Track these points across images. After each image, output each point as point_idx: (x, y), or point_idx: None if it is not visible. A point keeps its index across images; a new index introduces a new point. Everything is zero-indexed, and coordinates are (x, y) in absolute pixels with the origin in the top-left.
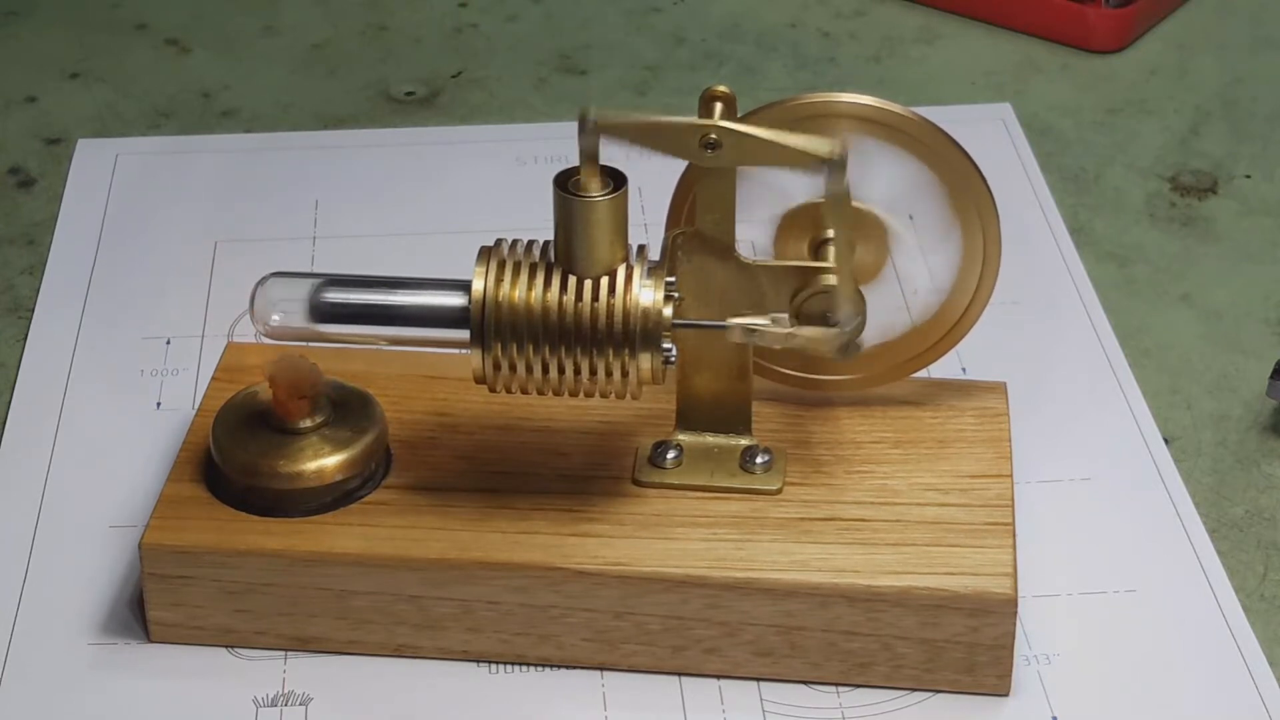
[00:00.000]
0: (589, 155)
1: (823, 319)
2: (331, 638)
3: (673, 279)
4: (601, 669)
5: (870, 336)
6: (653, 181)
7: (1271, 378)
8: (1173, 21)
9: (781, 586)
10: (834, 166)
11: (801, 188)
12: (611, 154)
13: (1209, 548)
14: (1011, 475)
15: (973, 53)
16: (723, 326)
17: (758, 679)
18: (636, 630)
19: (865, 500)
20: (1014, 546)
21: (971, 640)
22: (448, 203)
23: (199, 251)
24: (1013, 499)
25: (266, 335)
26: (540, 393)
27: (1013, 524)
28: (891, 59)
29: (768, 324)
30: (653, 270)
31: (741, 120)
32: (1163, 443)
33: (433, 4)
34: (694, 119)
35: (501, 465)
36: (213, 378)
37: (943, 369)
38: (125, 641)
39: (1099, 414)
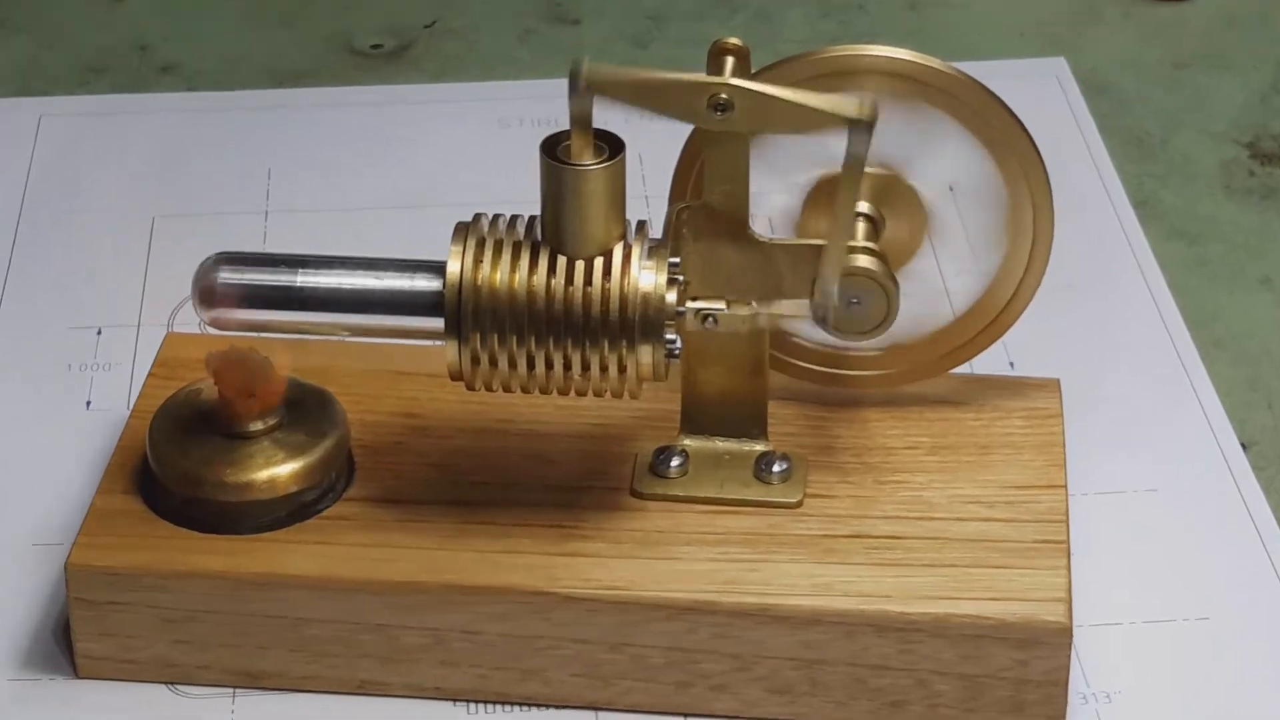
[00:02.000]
0: (581, 119)
1: (848, 305)
2: (285, 672)
3: (677, 260)
4: (595, 709)
5: (904, 326)
6: (654, 148)
7: None
8: None
9: (801, 613)
10: (860, 129)
11: (829, 158)
12: (608, 116)
13: None
14: (1065, 486)
15: None
16: (738, 314)
17: None
18: (635, 664)
19: (897, 514)
20: (1068, 568)
21: (1019, 676)
22: (420, 172)
23: (134, 228)
24: (1067, 513)
25: (211, 324)
26: (525, 391)
27: (1067, 542)
28: (929, 7)
29: (722, 308)
30: (654, 250)
31: (756, 77)
32: (1239, 448)
33: None
34: (701, 76)
35: (480, 474)
36: (150, 373)
37: (987, 363)
38: (49, 677)
39: (1166, 415)
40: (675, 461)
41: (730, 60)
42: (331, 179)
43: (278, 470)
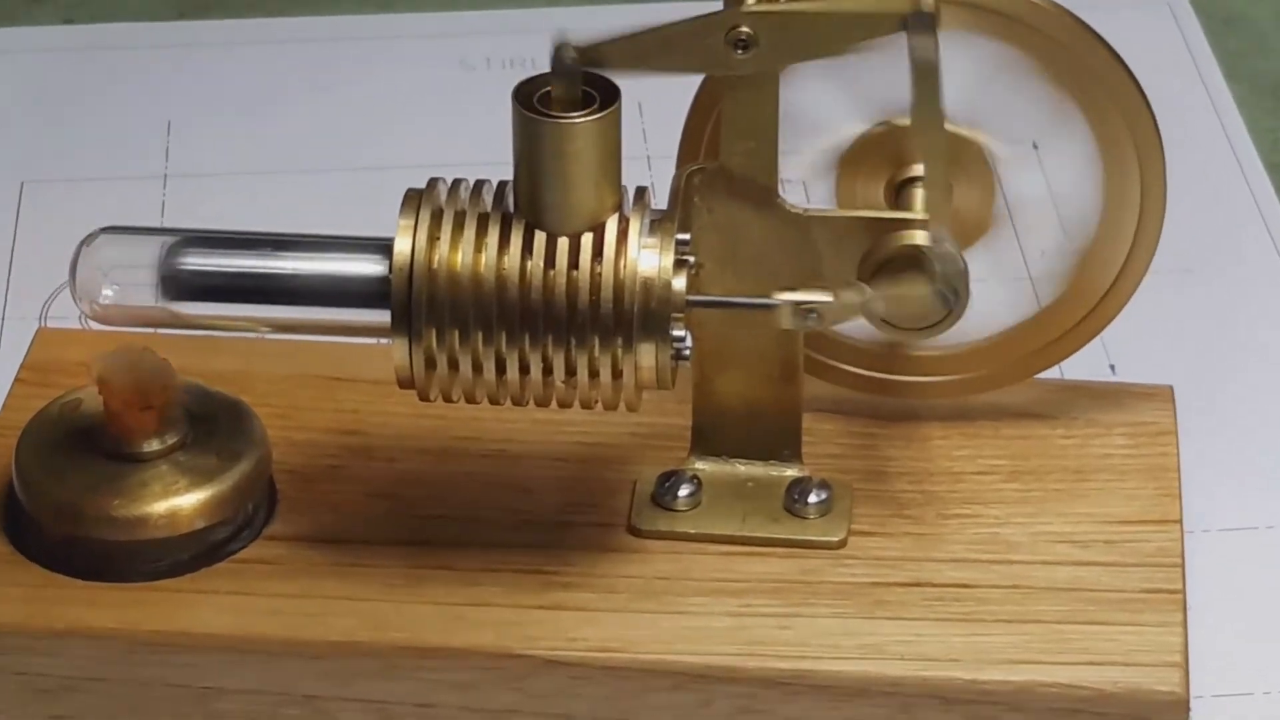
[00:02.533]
0: (566, 77)
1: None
2: None
3: (687, 237)
4: None
5: (975, 320)
6: (658, 95)
7: None
8: None
9: (846, 681)
10: (920, 22)
11: (874, 108)
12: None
13: None
14: (1181, 521)
15: None
16: (765, 305)
17: None
18: None
19: (968, 557)
20: (1184, 624)
21: None
22: (361, 126)
23: None
24: (1182, 555)
25: (95, 318)
26: (494, 402)
27: (1183, 591)
28: None
29: (829, 300)
30: (658, 224)
31: None
32: None
33: None
34: (714, 9)
35: (437, 507)
36: (17, 379)
37: (1081, 366)
38: None
39: None
40: (685, 490)
41: None
42: (247, 135)
43: (180, 501)
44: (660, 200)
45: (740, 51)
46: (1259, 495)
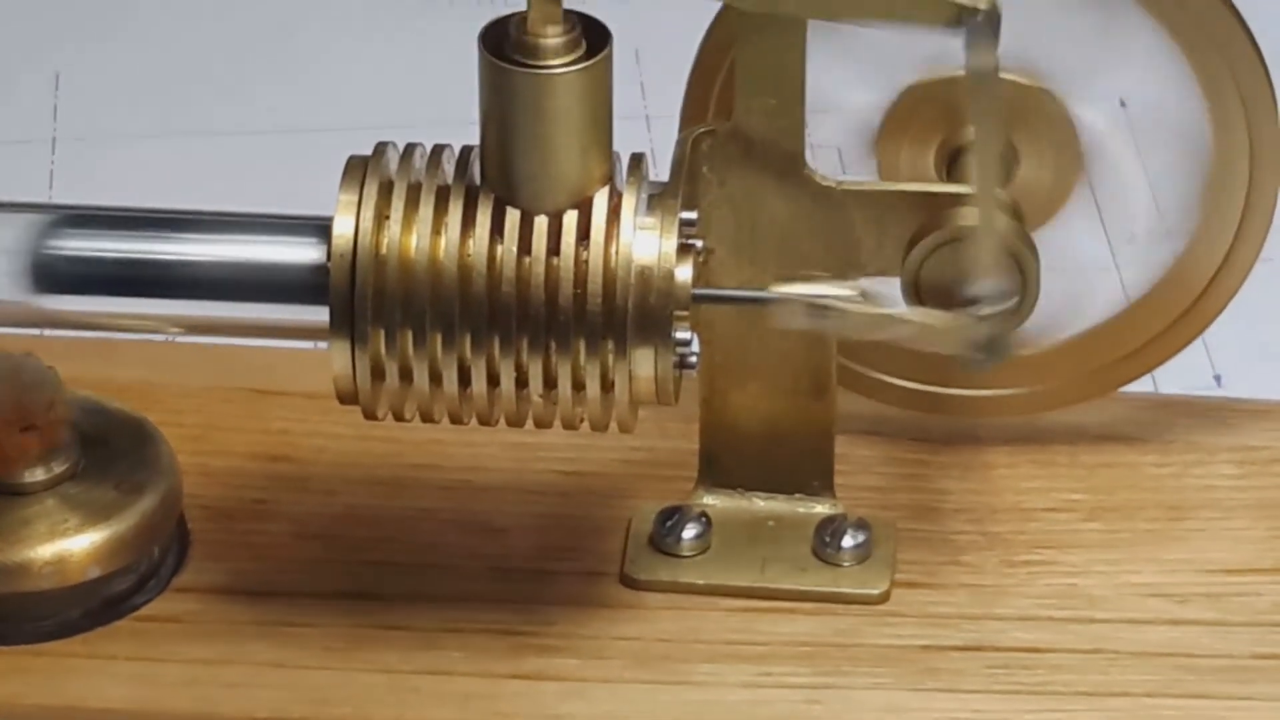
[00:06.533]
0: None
1: (954, 287)
2: None
3: (694, 216)
4: None
5: (1048, 319)
6: (658, 39)
7: None
8: None
9: None
10: (980, 25)
11: (925, 52)
12: None
13: None
14: None
15: None
16: (762, 299)
17: None
18: None
19: (1038, 614)
20: None
21: None
22: (293, 77)
23: None
24: None
25: None
26: (456, 421)
27: None
28: None
29: (842, 296)
30: (657, 200)
31: None
32: None
33: None
34: None
35: (386, 552)
36: None
37: (1177, 377)
38: None
39: None
40: (691, 531)
41: None
42: (155, 90)
43: (69, 544)
44: (661, 171)
45: None
46: None
